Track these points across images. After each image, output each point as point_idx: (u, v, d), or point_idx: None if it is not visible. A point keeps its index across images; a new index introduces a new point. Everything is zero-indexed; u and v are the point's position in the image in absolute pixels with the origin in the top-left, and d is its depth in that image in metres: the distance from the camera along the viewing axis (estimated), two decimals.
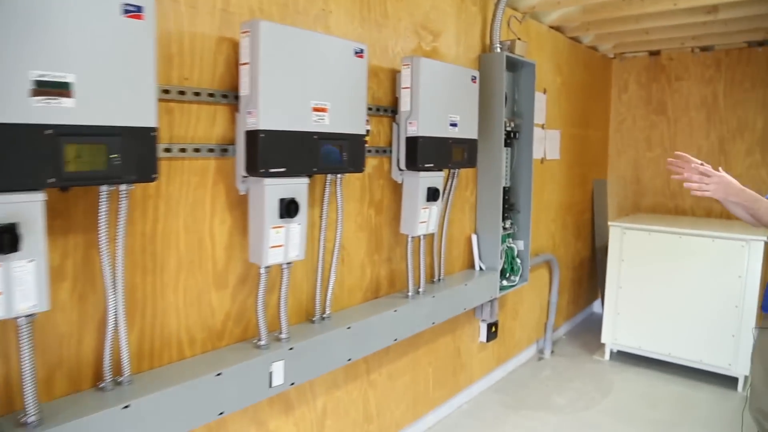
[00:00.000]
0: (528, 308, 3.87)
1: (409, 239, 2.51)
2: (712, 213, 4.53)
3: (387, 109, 2.43)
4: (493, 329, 3.29)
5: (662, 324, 3.75)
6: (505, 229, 3.24)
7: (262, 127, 1.73)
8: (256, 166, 1.75)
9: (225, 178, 1.88)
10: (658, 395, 3.50)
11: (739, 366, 3.49)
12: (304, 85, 1.84)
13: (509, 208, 3.29)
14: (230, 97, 1.84)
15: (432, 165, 2.41)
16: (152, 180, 1.51)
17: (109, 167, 1.39)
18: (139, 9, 1.41)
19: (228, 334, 1.95)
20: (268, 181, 1.78)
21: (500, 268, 3.16)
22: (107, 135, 1.38)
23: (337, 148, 1.97)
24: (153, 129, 1.48)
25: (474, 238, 3.08)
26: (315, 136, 1.88)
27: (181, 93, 1.73)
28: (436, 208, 2.50)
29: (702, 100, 4.55)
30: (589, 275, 4.88)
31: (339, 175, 2.12)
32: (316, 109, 1.88)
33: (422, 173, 2.40)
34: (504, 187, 3.16)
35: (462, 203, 3.02)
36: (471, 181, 3.08)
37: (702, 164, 1.88)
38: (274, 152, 1.76)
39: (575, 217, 4.52)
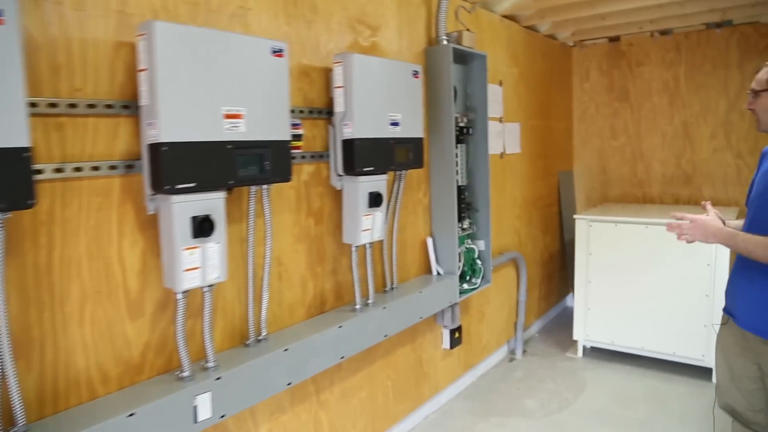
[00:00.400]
0: (495, 309, 3.74)
1: (353, 249, 2.35)
2: (680, 200, 4.45)
3: (321, 111, 2.28)
4: (457, 335, 3.15)
5: (633, 317, 3.65)
6: (463, 229, 3.10)
7: (164, 139, 1.57)
8: (160, 183, 1.59)
9: (134, 197, 1.70)
10: (631, 392, 3.39)
11: (712, 356, 3.39)
12: (213, 91, 1.67)
13: (466, 207, 3.15)
14: (132, 107, 1.66)
15: (372, 168, 2.25)
16: (29, 206, 1.33)
17: None
18: None
19: (149, 367, 1.78)
20: (176, 198, 1.62)
21: (459, 271, 3.02)
22: None
23: (257, 157, 1.81)
24: (25, 149, 1.31)
25: (429, 241, 2.94)
26: (229, 146, 1.72)
27: (72, 106, 1.55)
28: (380, 213, 2.35)
29: (664, 85, 4.45)
30: (559, 269, 4.78)
31: (265, 186, 1.95)
32: (228, 116, 1.72)
33: (362, 178, 2.25)
34: (459, 186, 3.02)
35: (414, 205, 2.88)
36: (423, 182, 2.93)
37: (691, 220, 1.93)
38: (181, 166, 1.60)
39: (541, 211, 4.40)
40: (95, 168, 1.60)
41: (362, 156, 2.20)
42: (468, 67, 3.17)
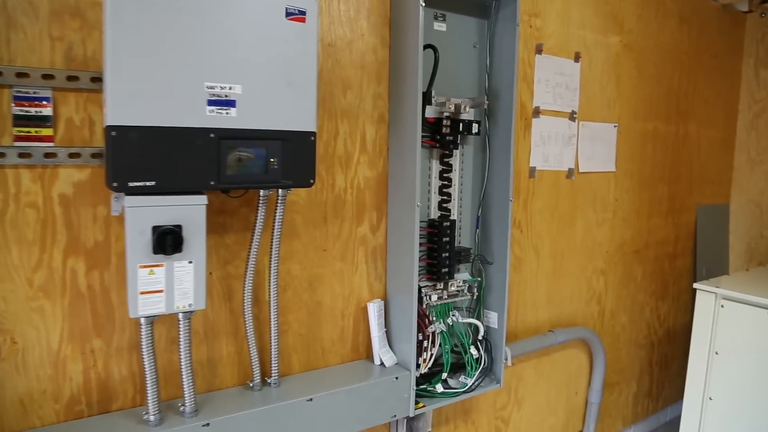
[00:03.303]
0: (536, 413, 2.37)
1: (142, 323, 1.30)
2: None
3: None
4: None
5: None
6: (449, 293, 1.84)
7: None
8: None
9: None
10: None
11: None
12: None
13: (462, 256, 1.88)
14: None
15: (155, 184, 1.19)
16: None
17: None
18: None
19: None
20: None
21: (429, 361, 1.79)
22: None
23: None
24: None
25: (373, 308, 1.75)
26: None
27: None
28: (187, 265, 1.27)
29: None
30: (683, 354, 3.13)
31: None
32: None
33: (133, 200, 1.19)
34: (450, 221, 1.78)
35: (348, 247, 1.72)
36: (372, 208, 1.75)
37: None
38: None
39: (656, 265, 2.84)
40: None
41: (128, 160, 1.15)
42: (491, 21, 1.89)
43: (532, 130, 2.13)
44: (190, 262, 1.28)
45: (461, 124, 1.75)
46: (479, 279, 1.93)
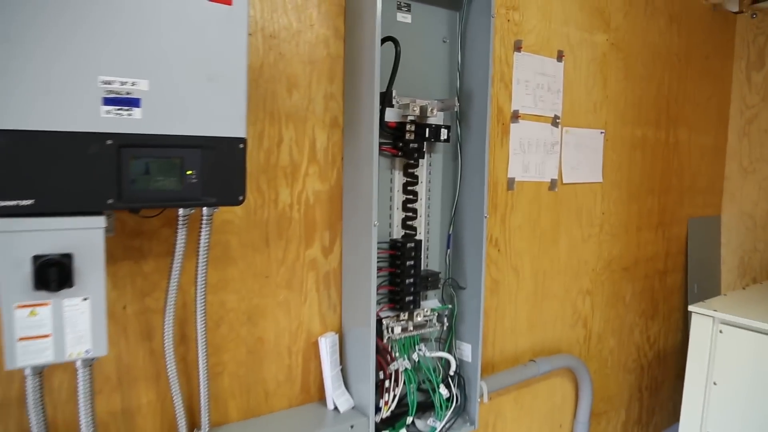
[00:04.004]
0: None
1: (27, 374, 1.05)
2: None
3: None
4: None
5: None
6: (427, 322, 1.60)
7: None
8: None
9: None
10: None
11: None
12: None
13: (434, 281, 1.64)
14: None
15: (37, 202, 0.93)
16: None
17: None
18: None
19: None
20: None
21: (392, 402, 1.54)
22: None
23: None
24: None
25: (324, 344, 1.50)
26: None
27: None
28: (81, 303, 1.02)
29: None
30: (675, 377, 2.92)
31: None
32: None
33: (6, 223, 0.93)
34: (415, 240, 1.54)
35: (301, 273, 1.47)
36: (325, 227, 1.50)
37: None
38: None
39: (645, 283, 2.63)
40: None
41: None
42: (462, 12, 1.66)
43: (511, 137, 1.91)
44: (86, 299, 1.03)
45: (428, 130, 1.52)
46: (450, 306, 1.69)
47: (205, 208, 1.18)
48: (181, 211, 1.15)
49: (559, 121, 2.06)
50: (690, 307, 2.08)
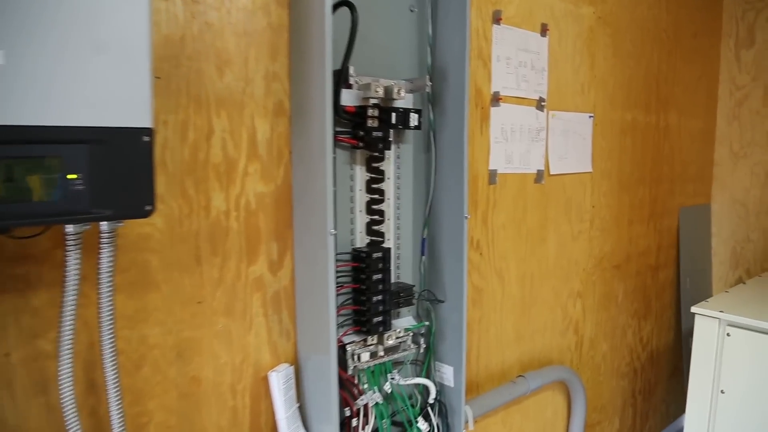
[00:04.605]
0: None
1: None
2: None
3: None
4: None
5: None
6: (400, 344, 1.35)
7: None
8: None
9: None
10: None
11: None
12: None
13: (407, 296, 1.38)
14: None
15: None
16: None
17: None
18: None
19: None
20: None
21: None
22: None
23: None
24: None
25: (275, 380, 1.23)
26: None
27: None
28: None
29: None
30: (668, 377, 2.74)
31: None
32: None
33: None
34: (383, 249, 1.28)
35: (243, 294, 1.20)
36: (274, 239, 1.23)
37: None
38: None
39: (637, 281, 2.43)
40: None
41: None
42: None
43: (491, 123, 1.66)
44: None
45: (394, 115, 1.26)
46: (427, 323, 1.43)
47: (103, 223, 0.90)
48: (69, 228, 0.87)
49: (545, 105, 1.82)
50: (693, 308, 1.87)
